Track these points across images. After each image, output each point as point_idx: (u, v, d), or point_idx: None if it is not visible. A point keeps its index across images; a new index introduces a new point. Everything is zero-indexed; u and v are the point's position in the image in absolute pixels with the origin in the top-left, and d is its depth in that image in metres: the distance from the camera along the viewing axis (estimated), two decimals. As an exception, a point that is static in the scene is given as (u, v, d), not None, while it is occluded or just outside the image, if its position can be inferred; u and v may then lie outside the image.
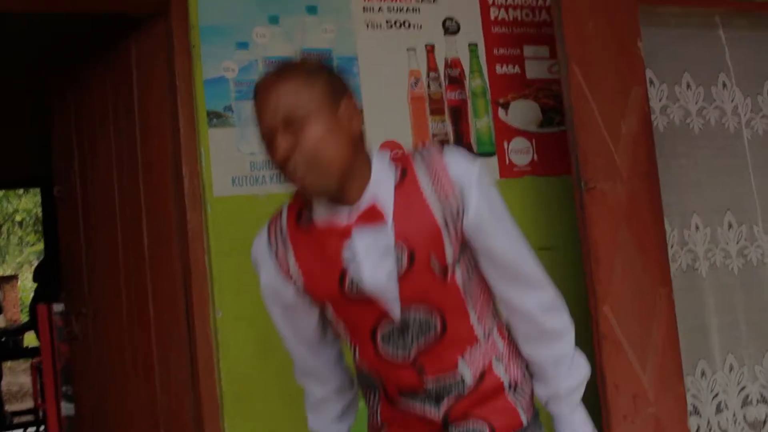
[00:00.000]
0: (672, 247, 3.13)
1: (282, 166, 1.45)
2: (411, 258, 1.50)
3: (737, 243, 3.38)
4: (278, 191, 2.51)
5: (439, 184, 1.52)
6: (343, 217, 1.51)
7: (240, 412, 2.37)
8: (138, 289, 2.91)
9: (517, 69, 2.97)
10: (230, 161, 2.45)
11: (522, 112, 2.98)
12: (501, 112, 2.91)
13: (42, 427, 6.32)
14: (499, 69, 2.93)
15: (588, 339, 2.37)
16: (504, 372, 1.63)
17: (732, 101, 3.54)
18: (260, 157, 2.45)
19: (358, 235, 1.50)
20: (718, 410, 3.13)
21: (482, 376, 1.61)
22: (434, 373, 1.59)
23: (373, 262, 1.51)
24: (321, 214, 1.54)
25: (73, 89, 3.34)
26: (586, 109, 2.55)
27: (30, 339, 7.80)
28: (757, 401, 3.27)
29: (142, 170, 2.87)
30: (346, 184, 1.48)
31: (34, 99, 4.06)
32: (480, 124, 2.86)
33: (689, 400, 2.93)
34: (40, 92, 3.70)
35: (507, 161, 2.84)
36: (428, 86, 2.80)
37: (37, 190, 8.09)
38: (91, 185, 3.29)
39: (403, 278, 1.51)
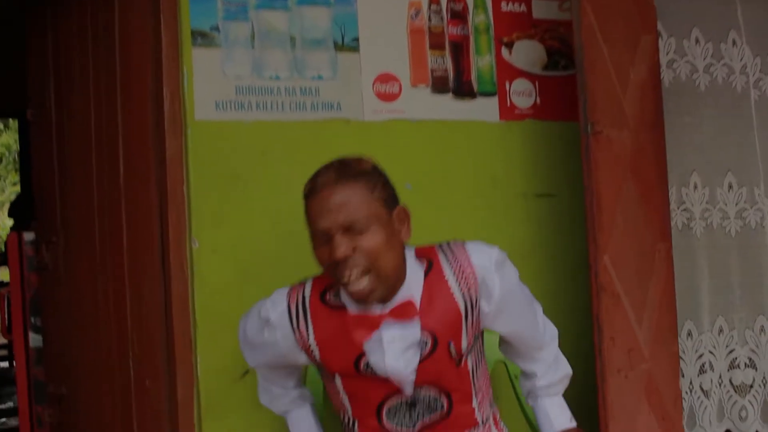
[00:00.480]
0: (670, 203, 3.02)
1: (336, 265, 1.51)
2: (434, 345, 1.60)
3: (736, 205, 3.26)
4: (265, 119, 2.38)
5: (462, 275, 1.60)
6: (377, 308, 1.59)
7: (213, 349, 2.25)
8: (112, 218, 2.77)
9: (523, 8, 2.81)
10: (214, 84, 2.29)
11: (526, 53, 2.82)
12: (504, 51, 2.75)
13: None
14: (505, 6, 2.77)
15: (586, 290, 2.26)
16: None
17: (741, 60, 3.39)
18: (247, 81, 2.31)
19: (387, 326, 1.58)
20: (702, 371, 3.05)
21: None
22: None
23: (397, 351, 1.59)
24: (352, 303, 1.60)
25: (52, 10, 3.16)
26: (597, 51, 2.41)
27: (5, 274, 7.63)
28: (745, 365, 3.19)
29: (120, 93, 2.71)
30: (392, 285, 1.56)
31: (11, 23, 3.87)
32: (482, 62, 2.71)
33: (672, 359, 2.83)
34: (18, 16, 3.51)
35: (508, 103, 2.70)
36: (429, 19, 2.64)
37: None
38: (67, 109, 3.15)
39: (421, 362, 1.61)
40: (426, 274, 1.61)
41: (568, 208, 2.74)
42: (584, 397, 2.39)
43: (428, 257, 1.64)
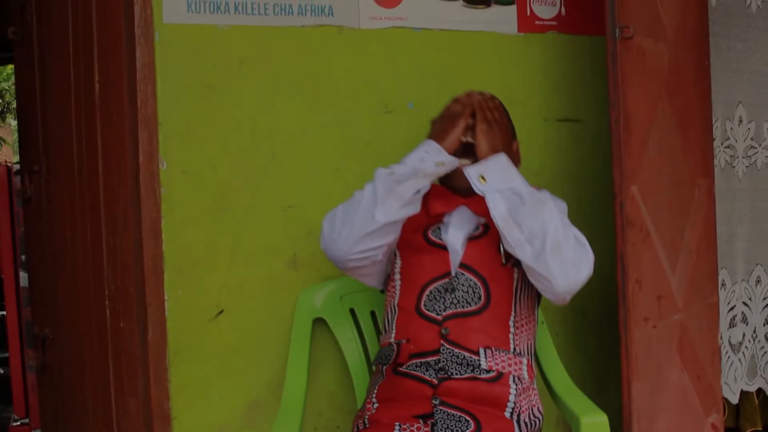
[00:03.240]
0: (714, 139, 2.70)
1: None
2: (485, 230, 1.85)
3: (785, 143, 2.94)
4: (244, 23, 2.07)
5: None
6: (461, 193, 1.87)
7: (183, 286, 2.02)
8: (89, 141, 2.52)
9: None
10: (186, -19, 2.01)
11: (551, -45, 2.49)
12: (525, -49, 2.41)
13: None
14: None
15: (610, 225, 1.96)
16: (515, 397, 1.74)
17: (798, -23, 3.04)
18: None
19: (459, 211, 1.87)
20: (732, 324, 2.77)
21: (496, 379, 1.75)
22: (454, 342, 1.76)
23: (457, 226, 1.86)
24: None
25: None
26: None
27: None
28: (784, 319, 2.91)
29: (95, 5, 2.45)
30: None
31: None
32: (499, -37, 2.37)
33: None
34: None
35: (528, 12, 2.36)
36: None
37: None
38: (47, 25, 2.89)
39: (472, 241, 1.84)
40: None
41: (594, 135, 2.46)
42: (610, 352, 2.11)
43: None
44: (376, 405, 1.78)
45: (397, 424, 1.70)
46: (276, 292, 2.09)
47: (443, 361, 1.75)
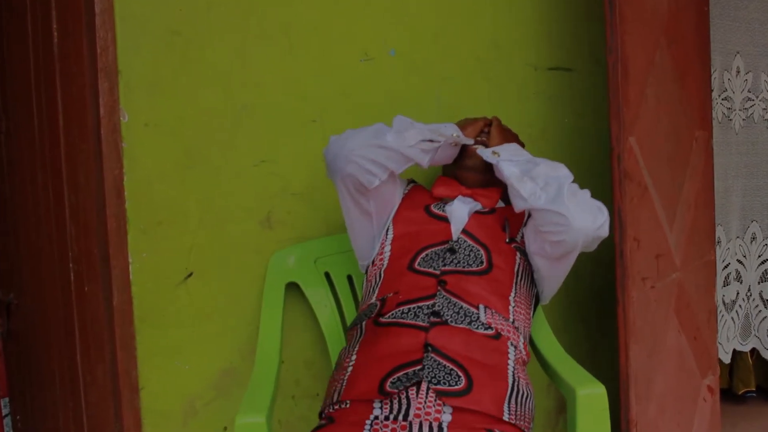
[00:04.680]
0: (712, 91, 2.59)
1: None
2: (491, 210, 1.85)
3: (783, 95, 2.84)
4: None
5: None
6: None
7: (148, 247, 1.88)
8: (49, 96, 2.38)
9: None
10: None
11: None
12: None
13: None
14: None
15: (607, 185, 1.85)
16: (514, 364, 1.64)
17: None
18: None
19: (461, 199, 1.86)
20: (726, 283, 2.69)
21: (495, 337, 1.64)
22: (452, 292, 1.67)
23: (463, 202, 1.85)
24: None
25: None
26: None
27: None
28: (779, 278, 2.85)
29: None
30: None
31: None
32: None
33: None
34: None
35: (518, -50, 2.22)
36: None
37: None
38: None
39: (476, 216, 1.82)
40: None
41: (588, 86, 2.34)
42: (605, 313, 1.99)
43: None
44: (354, 359, 1.64)
45: (377, 401, 1.54)
46: (249, 253, 1.97)
47: (438, 305, 1.64)
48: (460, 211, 1.82)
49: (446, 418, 1.49)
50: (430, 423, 1.48)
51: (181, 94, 1.90)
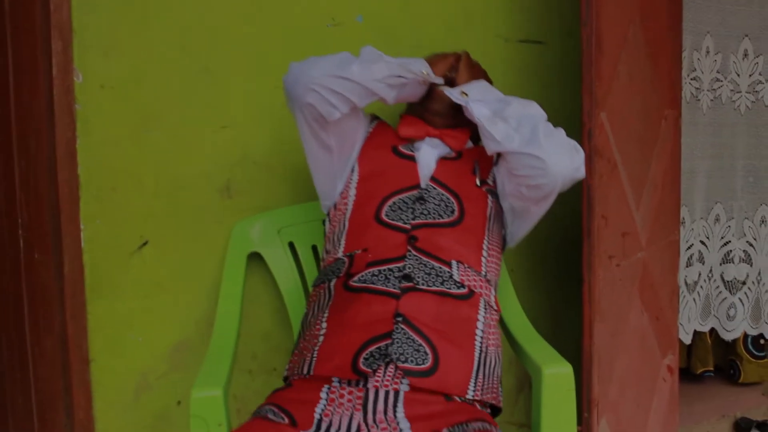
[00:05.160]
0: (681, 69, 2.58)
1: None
2: (458, 154, 1.79)
3: (750, 76, 2.84)
4: None
5: None
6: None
7: (101, 214, 1.82)
8: (-1, 54, 2.29)
9: None
10: None
11: None
12: None
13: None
14: None
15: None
16: (483, 326, 1.61)
17: None
18: None
19: (431, 139, 1.80)
20: (689, 264, 2.71)
21: (467, 297, 1.61)
22: (423, 250, 1.62)
23: (431, 145, 1.79)
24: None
25: None
26: None
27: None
28: (740, 260, 2.86)
29: None
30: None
31: None
32: None
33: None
34: None
35: None
36: None
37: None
38: None
39: (445, 160, 1.77)
40: None
41: (559, 59, 2.31)
42: (570, 293, 1.97)
43: None
44: (324, 327, 1.59)
45: (335, 378, 1.52)
46: (206, 222, 1.91)
47: (409, 268, 1.59)
48: (427, 156, 1.76)
49: (404, 387, 1.48)
50: (387, 391, 1.48)
51: (138, 54, 1.84)
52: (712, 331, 2.88)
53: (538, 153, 1.57)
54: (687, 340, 2.75)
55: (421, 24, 2.12)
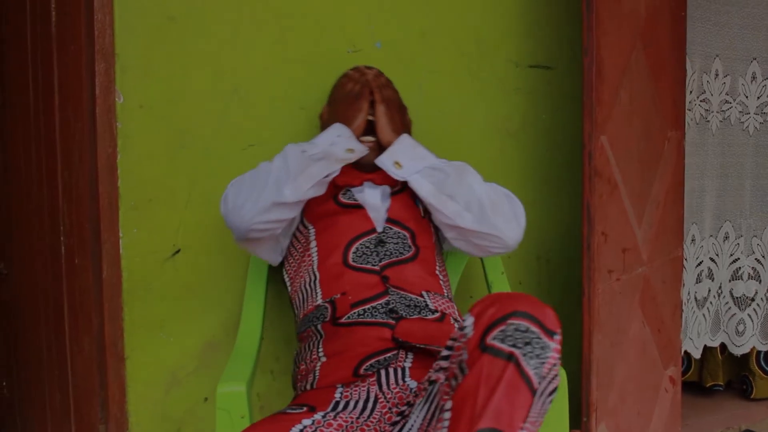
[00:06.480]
0: (690, 92, 2.67)
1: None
2: (402, 187, 1.83)
3: (758, 98, 2.91)
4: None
5: None
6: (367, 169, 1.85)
7: (139, 223, 1.94)
8: (45, 74, 2.41)
9: None
10: None
11: None
12: None
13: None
14: None
15: (578, 175, 1.92)
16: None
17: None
18: None
19: (366, 184, 1.84)
20: (698, 280, 2.77)
21: (441, 319, 1.67)
22: (397, 286, 1.69)
23: (371, 187, 1.83)
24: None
25: None
26: None
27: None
28: (749, 276, 2.92)
29: None
30: None
31: None
32: None
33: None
34: None
35: (502, -51, 2.28)
36: None
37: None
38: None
39: (393, 196, 1.83)
40: None
41: (566, 83, 2.40)
42: (571, 302, 2.08)
43: None
44: (322, 351, 1.66)
45: (339, 385, 1.60)
46: (234, 233, 2.03)
47: (393, 302, 1.66)
48: (373, 198, 1.82)
49: (408, 364, 1.58)
50: (395, 368, 1.57)
51: (174, 77, 1.95)
52: (725, 347, 2.94)
53: (491, 231, 1.72)
54: (697, 354, 2.81)
55: (436, 50, 2.22)
